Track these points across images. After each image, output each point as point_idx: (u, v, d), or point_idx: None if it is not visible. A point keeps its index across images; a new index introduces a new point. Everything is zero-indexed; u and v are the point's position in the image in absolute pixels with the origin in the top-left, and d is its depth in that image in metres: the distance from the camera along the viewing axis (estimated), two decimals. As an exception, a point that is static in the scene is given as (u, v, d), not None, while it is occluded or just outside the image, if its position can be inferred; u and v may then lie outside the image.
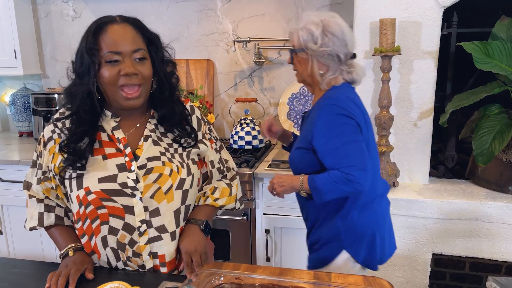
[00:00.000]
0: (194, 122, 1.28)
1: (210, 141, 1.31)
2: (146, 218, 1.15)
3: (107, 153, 1.16)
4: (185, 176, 1.20)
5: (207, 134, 1.31)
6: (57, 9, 2.89)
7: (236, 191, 1.37)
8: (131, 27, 1.14)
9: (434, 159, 2.22)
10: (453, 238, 1.99)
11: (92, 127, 1.17)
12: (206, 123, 1.33)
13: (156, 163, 1.16)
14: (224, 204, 1.32)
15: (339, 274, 0.97)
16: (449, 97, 2.12)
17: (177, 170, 1.18)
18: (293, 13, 2.53)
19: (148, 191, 1.14)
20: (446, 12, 1.98)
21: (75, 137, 1.15)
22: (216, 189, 1.32)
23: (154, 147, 1.18)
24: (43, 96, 2.73)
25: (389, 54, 1.92)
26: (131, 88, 1.12)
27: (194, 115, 1.29)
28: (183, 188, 1.19)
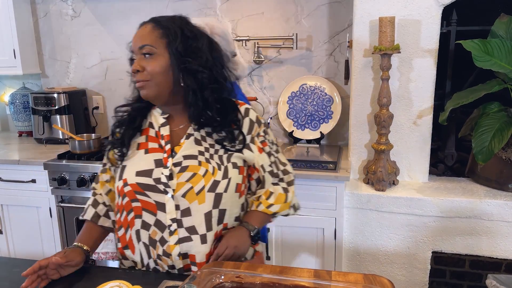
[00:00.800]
0: (246, 125, 1.23)
1: (263, 144, 1.26)
2: (177, 217, 1.14)
3: (150, 147, 1.20)
4: (219, 178, 1.15)
5: (260, 136, 1.25)
6: (56, 8, 2.89)
7: (291, 197, 1.30)
8: (151, 25, 1.16)
9: (434, 157, 2.22)
10: (453, 236, 1.99)
11: (141, 115, 1.24)
12: (262, 124, 1.27)
13: (191, 162, 1.15)
14: (277, 211, 1.26)
15: (339, 272, 0.97)
16: (449, 95, 2.12)
17: (212, 171, 1.15)
18: (292, 12, 2.53)
19: (181, 189, 1.13)
20: (445, 10, 1.98)
21: (124, 122, 1.24)
22: (272, 194, 1.27)
23: (194, 145, 1.18)
24: (42, 95, 2.72)
25: (388, 53, 1.93)
26: (139, 83, 1.15)
27: (248, 117, 1.24)
28: (216, 191, 1.15)
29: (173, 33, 1.13)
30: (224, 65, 1.21)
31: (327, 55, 2.54)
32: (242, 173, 1.22)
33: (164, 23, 1.15)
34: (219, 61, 1.19)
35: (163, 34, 1.13)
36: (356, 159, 2.21)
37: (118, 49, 2.85)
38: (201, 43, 1.16)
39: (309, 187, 2.03)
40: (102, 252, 2.32)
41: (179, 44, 1.13)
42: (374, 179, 2.07)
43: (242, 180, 1.22)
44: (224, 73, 1.20)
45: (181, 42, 1.13)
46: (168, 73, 1.13)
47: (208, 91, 1.15)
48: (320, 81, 2.52)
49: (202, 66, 1.14)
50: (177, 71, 1.14)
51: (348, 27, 2.46)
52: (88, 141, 2.41)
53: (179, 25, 1.15)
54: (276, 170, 1.29)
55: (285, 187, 1.30)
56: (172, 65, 1.13)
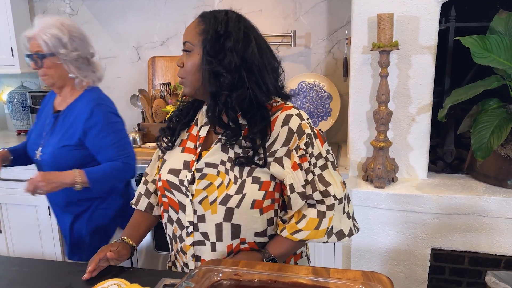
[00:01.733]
0: (282, 136, 1.09)
1: (302, 159, 1.09)
2: (193, 221, 1.14)
3: (186, 146, 1.18)
4: (232, 193, 1.08)
5: (300, 150, 1.09)
6: (54, 6, 2.88)
7: (328, 225, 1.11)
8: (198, 19, 1.12)
9: (433, 154, 2.22)
10: (452, 232, 1.99)
11: (194, 110, 1.22)
12: (305, 135, 1.10)
13: (211, 170, 1.11)
14: (304, 238, 1.11)
15: (337, 270, 0.97)
16: (448, 92, 2.11)
17: (227, 184, 1.09)
18: (290, 9, 2.52)
19: (198, 196, 1.12)
20: (444, 7, 1.98)
21: (180, 113, 1.23)
22: (303, 218, 1.12)
23: (220, 152, 1.12)
24: (40, 94, 2.72)
25: (387, 49, 1.92)
26: (179, 79, 1.15)
27: (287, 126, 1.09)
28: (227, 205, 1.09)
29: (207, 30, 1.07)
30: (262, 70, 1.09)
31: (326, 52, 2.53)
32: (265, 189, 1.09)
33: (208, 19, 1.09)
34: (254, 65, 1.08)
35: (202, 30, 1.08)
36: (355, 157, 2.21)
37: (116, 47, 2.85)
38: (231, 43, 1.06)
39: (308, 184, 2.03)
40: (101, 251, 2.32)
41: (208, 42, 1.07)
42: (373, 176, 2.07)
43: (265, 196, 1.10)
44: (259, 79, 1.09)
45: (210, 40, 1.06)
46: (198, 73, 1.09)
47: (226, 96, 1.08)
48: (318, 78, 2.52)
49: (225, 69, 1.06)
50: (205, 71, 1.08)
51: (346, 24, 2.45)
52: (87, 140, 2.40)
53: (218, 22, 1.08)
54: (311, 192, 1.11)
55: (322, 210, 1.11)
56: (201, 65, 1.08)
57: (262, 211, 1.11)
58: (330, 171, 1.14)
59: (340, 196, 1.13)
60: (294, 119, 1.10)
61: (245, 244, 1.14)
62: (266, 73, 1.10)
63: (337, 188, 1.13)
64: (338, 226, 1.14)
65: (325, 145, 1.14)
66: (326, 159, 1.13)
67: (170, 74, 2.73)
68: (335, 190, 1.12)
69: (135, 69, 2.85)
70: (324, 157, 1.13)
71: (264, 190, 1.09)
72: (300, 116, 1.12)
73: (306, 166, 1.10)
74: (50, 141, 1.63)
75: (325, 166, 1.13)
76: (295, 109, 1.13)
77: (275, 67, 1.15)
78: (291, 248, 1.15)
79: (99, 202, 1.70)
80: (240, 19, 1.12)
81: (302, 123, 1.10)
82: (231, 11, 1.14)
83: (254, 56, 1.08)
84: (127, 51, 2.84)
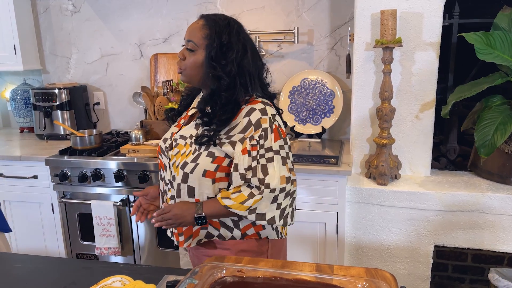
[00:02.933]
0: (241, 125, 1.29)
1: (253, 148, 1.27)
2: (170, 180, 1.38)
3: (178, 122, 1.47)
4: (189, 161, 1.32)
5: (253, 140, 1.27)
6: (56, 3, 2.87)
7: (251, 204, 1.26)
8: (202, 22, 1.31)
9: (436, 151, 2.21)
10: (455, 230, 1.99)
11: (193, 96, 1.51)
12: (261, 129, 1.28)
13: (181, 141, 1.37)
14: (229, 206, 1.28)
15: (341, 266, 0.97)
16: (451, 88, 2.11)
17: (188, 153, 1.33)
18: (293, 5, 2.51)
19: (172, 159, 1.37)
20: (447, 3, 1.97)
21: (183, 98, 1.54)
22: (238, 192, 1.29)
23: (193, 129, 1.37)
24: (43, 91, 2.72)
25: (390, 46, 1.91)
26: (179, 69, 1.36)
27: (247, 118, 1.29)
28: (184, 170, 1.32)
29: (213, 38, 1.28)
30: (252, 76, 1.32)
31: (329, 49, 2.52)
32: (218, 163, 1.31)
33: (212, 25, 1.29)
34: (246, 71, 1.30)
35: (207, 35, 1.29)
36: (358, 154, 2.21)
37: (118, 44, 2.84)
38: (233, 53, 1.28)
39: (310, 181, 2.03)
40: (104, 247, 2.33)
41: (213, 49, 1.28)
42: (376, 173, 2.06)
43: (217, 169, 1.31)
44: (248, 83, 1.31)
45: (215, 48, 1.28)
46: (199, 70, 1.32)
47: (223, 94, 1.29)
48: (321, 75, 2.51)
49: (226, 74, 1.28)
50: (206, 71, 1.30)
51: (349, 20, 2.44)
52: (90, 137, 2.40)
53: (222, 31, 1.28)
54: (250, 176, 1.27)
55: (254, 193, 1.27)
56: (203, 65, 1.30)
57: (214, 181, 1.32)
58: (275, 164, 1.28)
59: (274, 187, 1.26)
60: (255, 113, 1.29)
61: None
62: (253, 78, 1.33)
63: (274, 180, 1.27)
64: (263, 209, 1.28)
65: (279, 141, 1.30)
66: (276, 153, 1.29)
67: (172, 71, 2.73)
68: (270, 180, 1.26)
69: (137, 66, 2.85)
70: (274, 150, 1.29)
71: (217, 164, 1.31)
72: (263, 111, 1.30)
73: (254, 154, 1.28)
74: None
75: (271, 159, 1.28)
76: (262, 104, 1.32)
77: (261, 71, 1.38)
78: (220, 211, 1.31)
79: None
80: (240, 30, 1.33)
81: (262, 118, 1.29)
82: (233, 20, 1.34)
83: (248, 65, 1.31)
84: (129, 48, 2.83)
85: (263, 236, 1.39)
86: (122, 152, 2.34)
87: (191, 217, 1.30)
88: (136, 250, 2.37)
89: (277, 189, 1.27)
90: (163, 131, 2.44)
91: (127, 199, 2.30)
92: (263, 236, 1.39)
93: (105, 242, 2.32)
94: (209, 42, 1.28)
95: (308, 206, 2.06)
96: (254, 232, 1.38)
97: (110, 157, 2.30)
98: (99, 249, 2.34)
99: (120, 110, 2.95)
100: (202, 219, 1.30)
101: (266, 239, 1.41)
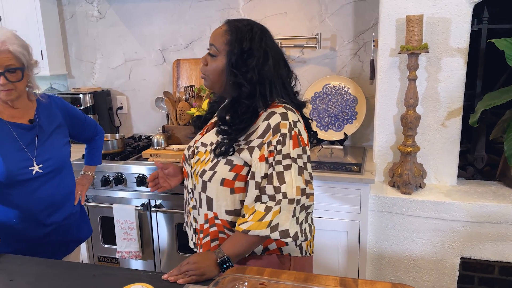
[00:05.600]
0: (260, 129, 1.23)
1: (270, 154, 1.20)
2: (192, 188, 1.35)
3: (203, 129, 1.44)
4: (207, 169, 1.28)
5: (271, 145, 1.20)
6: (82, 10, 2.93)
7: (271, 218, 1.17)
8: (225, 27, 1.28)
9: (463, 160, 2.15)
10: (483, 241, 1.92)
11: (219, 103, 1.43)
12: (279, 134, 1.20)
13: (202, 149, 1.34)
14: (247, 228, 1.18)
15: (366, 281, 0.94)
16: (479, 95, 2.05)
17: (207, 160, 1.30)
18: (316, 11, 2.49)
19: (193, 167, 1.34)
20: (476, 8, 1.91)
21: (210, 106, 1.50)
22: (254, 212, 1.20)
23: (213, 136, 1.33)
24: (68, 96, 2.77)
25: (416, 52, 1.87)
26: (201, 74, 1.33)
27: (267, 122, 1.22)
28: (203, 178, 1.29)
29: (234, 44, 1.24)
30: (274, 85, 1.26)
31: (352, 55, 2.49)
32: (237, 172, 1.25)
33: (234, 31, 1.25)
34: (267, 79, 1.24)
35: (228, 41, 1.25)
36: (381, 161, 2.16)
37: (141, 49, 2.88)
38: (254, 60, 1.23)
39: (332, 189, 1.99)
40: (126, 251, 2.35)
41: (234, 56, 1.24)
42: (400, 182, 2.02)
43: (236, 177, 1.25)
44: (267, 92, 1.25)
45: (235, 54, 1.24)
46: (221, 76, 1.28)
47: (244, 102, 1.24)
48: (344, 81, 2.48)
49: (247, 81, 1.23)
50: (227, 78, 1.26)
51: (373, 26, 2.40)
52: (112, 141, 2.43)
53: (243, 37, 1.24)
54: (265, 184, 1.20)
55: (270, 206, 1.18)
56: (224, 72, 1.26)
57: (234, 190, 1.26)
58: (292, 173, 1.20)
59: (290, 196, 1.18)
60: (275, 117, 1.23)
61: (218, 220, 1.29)
62: (274, 86, 1.26)
63: (291, 189, 1.19)
64: (285, 225, 1.18)
65: (298, 149, 1.22)
66: (294, 161, 1.21)
67: (194, 76, 2.74)
68: (287, 189, 1.18)
69: (160, 71, 2.88)
70: (292, 158, 1.21)
71: (235, 172, 1.25)
72: (284, 116, 1.23)
73: (270, 160, 1.21)
74: (45, 148, 1.59)
75: (288, 167, 1.20)
76: (284, 109, 1.24)
77: (288, 78, 1.32)
78: (242, 243, 1.21)
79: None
80: (263, 37, 1.26)
81: (281, 122, 1.22)
82: (256, 25, 1.29)
83: (269, 72, 1.25)
84: (152, 53, 2.86)
85: (285, 252, 1.30)
86: (144, 157, 2.36)
87: (213, 264, 1.17)
88: (156, 254, 2.38)
89: (294, 200, 1.18)
90: (185, 136, 2.45)
91: (148, 203, 2.31)
92: (285, 252, 1.30)
93: (126, 246, 2.34)
94: (230, 49, 1.24)
95: (329, 214, 2.02)
96: (275, 248, 1.29)
97: (132, 162, 2.32)
98: (120, 252, 2.36)
99: (143, 114, 2.98)
100: (227, 261, 1.18)
101: (289, 256, 1.31)
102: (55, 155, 1.60)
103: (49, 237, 1.62)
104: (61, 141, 1.65)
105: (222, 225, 1.29)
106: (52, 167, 1.58)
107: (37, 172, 1.54)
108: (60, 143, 1.64)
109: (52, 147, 1.60)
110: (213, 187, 1.27)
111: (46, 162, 1.56)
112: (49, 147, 1.59)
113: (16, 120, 1.55)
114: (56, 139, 1.63)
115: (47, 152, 1.58)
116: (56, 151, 1.61)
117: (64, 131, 1.69)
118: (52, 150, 1.60)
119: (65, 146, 1.67)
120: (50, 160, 1.58)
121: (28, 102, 1.63)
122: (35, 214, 1.56)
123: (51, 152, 1.59)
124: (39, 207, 1.56)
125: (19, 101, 1.58)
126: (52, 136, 1.61)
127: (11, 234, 1.55)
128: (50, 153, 1.58)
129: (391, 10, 1.99)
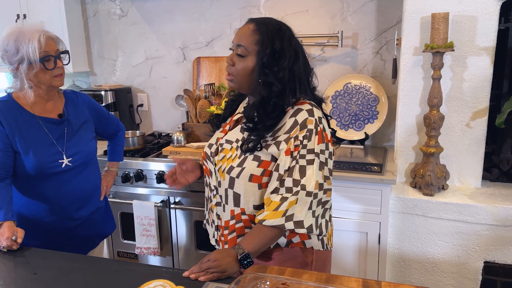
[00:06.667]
0: (288, 125, 1.24)
1: (295, 148, 1.22)
2: (216, 185, 1.35)
3: (223, 127, 1.44)
4: (235, 165, 1.28)
5: (297, 140, 1.22)
6: (105, 8, 2.97)
7: (286, 207, 1.19)
8: (253, 27, 1.27)
9: (488, 162, 2.10)
10: (508, 245, 1.87)
11: (239, 101, 1.47)
12: (306, 130, 1.22)
13: (227, 146, 1.33)
14: (264, 218, 1.20)
15: (389, 283, 0.92)
16: (506, 95, 1.99)
17: (234, 157, 1.29)
18: (337, 8, 2.46)
19: (218, 165, 1.34)
20: (504, 6, 1.86)
21: (227, 104, 1.51)
22: (271, 203, 1.22)
23: (238, 133, 1.33)
24: (90, 93, 2.81)
25: (441, 51, 1.83)
26: (228, 75, 1.32)
27: (294, 118, 1.24)
28: (231, 174, 1.28)
29: (265, 44, 1.24)
30: (302, 82, 1.28)
31: (374, 53, 2.45)
32: (264, 167, 1.25)
33: (263, 30, 1.25)
34: (297, 77, 1.27)
35: (258, 40, 1.25)
36: (403, 162, 2.13)
37: (162, 47, 2.90)
38: (285, 59, 1.24)
39: (352, 189, 1.97)
40: (144, 247, 2.37)
41: (265, 56, 1.24)
42: (422, 183, 1.98)
43: (264, 173, 1.26)
44: (297, 89, 1.27)
45: (267, 54, 1.24)
46: (250, 76, 1.27)
47: (273, 101, 1.25)
48: (365, 80, 2.45)
49: (278, 81, 1.24)
50: (257, 77, 1.26)
51: (396, 24, 2.36)
52: (133, 138, 2.46)
53: (274, 36, 1.24)
54: (286, 177, 1.21)
55: (286, 196, 1.20)
56: (255, 71, 1.26)
57: (261, 186, 1.26)
58: (313, 168, 1.22)
59: (309, 189, 1.20)
60: (302, 113, 1.24)
61: (245, 215, 1.29)
62: (302, 83, 1.29)
63: (310, 182, 1.21)
64: (300, 216, 1.20)
65: (321, 145, 1.24)
66: (317, 156, 1.23)
67: (214, 74, 2.75)
68: (307, 182, 1.20)
69: (180, 69, 2.89)
70: (315, 153, 1.23)
71: (263, 168, 1.25)
72: (310, 112, 1.25)
73: (295, 154, 1.22)
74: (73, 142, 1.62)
75: (311, 162, 1.22)
76: (310, 105, 1.26)
77: (309, 76, 1.33)
78: (259, 237, 1.22)
79: None
80: (291, 36, 1.29)
81: (308, 119, 1.24)
82: (284, 25, 1.30)
83: (299, 71, 1.27)
84: (173, 51, 2.88)
85: (308, 246, 1.31)
86: (164, 154, 2.38)
87: (234, 260, 1.18)
88: (175, 251, 2.39)
89: (312, 193, 1.20)
90: (204, 134, 2.46)
91: (167, 200, 2.33)
92: (308, 245, 1.31)
93: (145, 242, 2.36)
94: (261, 48, 1.24)
95: (349, 214, 2.00)
96: (299, 241, 1.30)
97: (152, 159, 2.34)
98: (139, 248, 2.38)
99: (163, 112, 3.00)
100: (247, 257, 1.18)
101: (311, 249, 1.32)
102: (83, 149, 1.63)
103: (76, 231, 1.65)
104: (88, 136, 1.68)
105: (249, 220, 1.30)
106: (80, 160, 1.61)
107: (66, 165, 1.57)
108: (88, 138, 1.68)
109: (80, 141, 1.63)
110: (241, 183, 1.27)
111: (74, 155, 1.60)
112: (77, 142, 1.62)
113: (46, 115, 1.59)
114: (84, 134, 1.66)
115: (76, 146, 1.61)
116: (83, 146, 1.64)
117: (91, 127, 1.72)
118: (80, 144, 1.63)
119: (92, 141, 1.71)
120: (78, 154, 1.61)
121: (58, 96, 1.66)
122: (64, 207, 1.60)
123: (79, 146, 1.62)
124: (68, 201, 1.60)
125: (53, 93, 1.62)
126: (80, 131, 1.65)
127: (41, 227, 1.59)
128: (78, 147, 1.61)
129: (415, 8, 1.95)
